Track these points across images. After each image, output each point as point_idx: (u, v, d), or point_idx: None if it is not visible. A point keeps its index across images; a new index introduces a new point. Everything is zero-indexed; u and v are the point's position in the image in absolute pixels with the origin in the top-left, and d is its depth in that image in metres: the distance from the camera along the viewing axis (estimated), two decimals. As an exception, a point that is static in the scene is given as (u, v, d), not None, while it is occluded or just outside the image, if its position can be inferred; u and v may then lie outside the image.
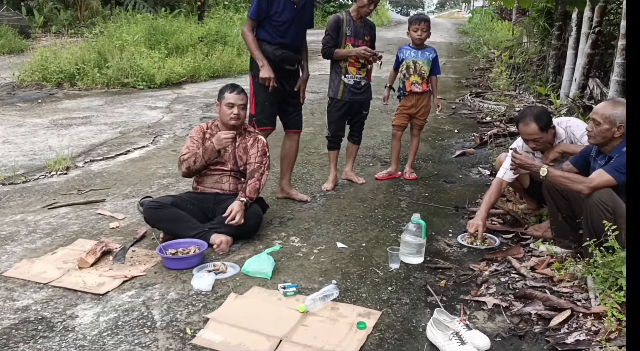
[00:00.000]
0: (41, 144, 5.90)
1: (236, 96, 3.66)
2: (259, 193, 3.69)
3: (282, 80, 4.12)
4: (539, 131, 3.50)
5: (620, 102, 3.13)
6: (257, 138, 3.79)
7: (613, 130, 3.04)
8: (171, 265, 3.20)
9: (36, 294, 2.88)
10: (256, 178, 3.66)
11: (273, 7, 3.95)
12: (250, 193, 3.58)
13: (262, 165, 3.71)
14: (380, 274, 3.19)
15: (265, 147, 3.78)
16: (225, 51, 12.07)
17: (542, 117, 3.51)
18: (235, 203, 3.48)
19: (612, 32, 7.13)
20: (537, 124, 3.48)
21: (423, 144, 6.03)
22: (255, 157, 3.72)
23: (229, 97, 3.66)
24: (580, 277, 2.96)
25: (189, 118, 7.41)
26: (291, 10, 3.99)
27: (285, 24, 4.00)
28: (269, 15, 3.96)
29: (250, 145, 3.76)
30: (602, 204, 2.92)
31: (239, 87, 3.72)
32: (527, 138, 3.58)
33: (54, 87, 9.28)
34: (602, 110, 3.08)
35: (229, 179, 3.75)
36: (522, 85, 9.78)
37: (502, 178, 3.78)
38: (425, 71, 4.86)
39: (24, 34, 14.45)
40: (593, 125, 3.10)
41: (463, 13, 50.83)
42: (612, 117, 3.02)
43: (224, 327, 2.58)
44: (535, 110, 3.58)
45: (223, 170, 3.75)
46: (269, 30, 4.02)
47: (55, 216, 3.97)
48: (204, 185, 3.77)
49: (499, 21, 20.47)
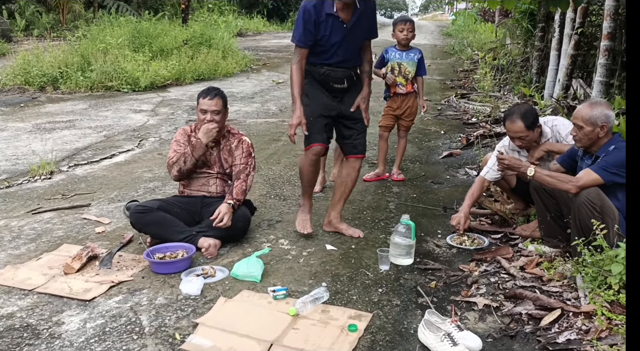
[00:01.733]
0: (24, 149, 5.81)
1: (209, 102, 3.56)
2: (246, 195, 3.66)
3: (334, 99, 3.63)
4: (525, 129, 3.52)
5: (598, 102, 3.17)
6: (242, 139, 3.75)
7: (597, 131, 3.06)
8: (159, 270, 3.16)
9: (21, 301, 2.82)
10: (242, 179, 3.62)
11: (320, 31, 3.42)
12: (237, 195, 3.55)
13: (247, 166, 3.67)
14: (371, 276, 3.18)
15: (250, 148, 3.74)
16: (210, 54, 12.02)
17: (529, 115, 3.53)
18: (223, 206, 3.45)
19: (595, 33, 7.21)
20: (523, 122, 3.50)
21: (410, 145, 6.04)
22: (241, 158, 3.68)
23: (202, 102, 3.58)
24: (570, 276, 2.97)
25: (174, 122, 7.35)
26: (340, 30, 3.44)
27: (334, 47, 3.48)
28: (318, 41, 3.46)
29: (235, 147, 3.72)
30: (590, 203, 2.95)
31: (213, 91, 3.60)
32: (514, 135, 3.60)
33: (36, 90, 9.15)
34: (582, 114, 3.10)
35: (215, 182, 3.72)
36: (506, 86, 9.85)
37: (484, 177, 3.83)
38: (410, 72, 4.88)
39: (5, 38, 14.26)
40: (576, 129, 3.13)
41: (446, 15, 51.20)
42: (593, 119, 3.05)
43: (213, 332, 2.55)
44: (522, 109, 3.60)
45: (209, 173, 3.71)
46: (319, 53, 3.51)
47: (40, 221, 3.91)
48: (190, 188, 3.73)
49: (482, 23, 20.63)
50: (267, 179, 4.97)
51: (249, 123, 7.40)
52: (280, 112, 8.28)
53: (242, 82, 11.11)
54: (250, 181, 3.69)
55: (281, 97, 9.51)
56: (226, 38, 13.76)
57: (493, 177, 3.81)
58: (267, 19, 27.56)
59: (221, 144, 3.72)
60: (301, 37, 3.44)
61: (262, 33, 24.49)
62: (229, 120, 7.33)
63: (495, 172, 3.76)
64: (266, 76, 12.03)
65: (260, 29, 25.35)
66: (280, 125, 7.33)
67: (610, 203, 2.98)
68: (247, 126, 7.19)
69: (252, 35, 23.04)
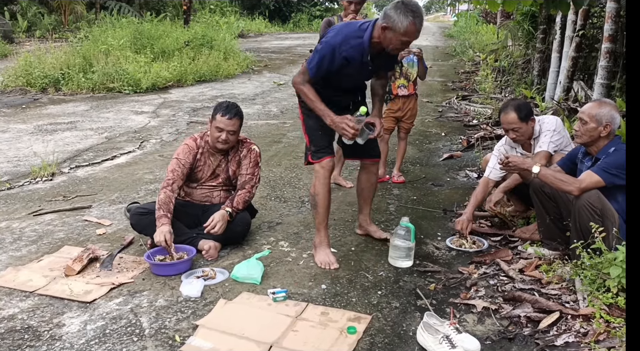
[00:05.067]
0: (26, 150, 5.83)
1: (227, 121, 3.43)
2: (248, 205, 3.63)
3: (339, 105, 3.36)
4: (518, 121, 3.63)
5: (606, 102, 3.20)
6: (251, 149, 3.67)
7: (599, 129, 3.09)
8: (159, 272, 3.17)
9: (22, 303, 2.84)
10: (247, 190, 3.59)
11: (342, 68, 3.14)
12: (238, 204, 3.52)
13: (254, 177, 3.63)
14: (370, 278, 3.19)
15: (257, 157, 3.68)
16: (212, 55, 12.05)
17: (523, 107, 3.66)
18: (219, 213, 3.42)
19: (596, 35, 7.21)
20: (517, 114, 3.62)
21: (411, 147, 6.05)
22: (247, 168, 3.63)
23: (219, 120, 3.44)
24: (568, 279, 2.98)
25: (175, 123, 7.37)
26: (365, 70, 3.22)
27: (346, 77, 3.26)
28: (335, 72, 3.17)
29: (244, 156, 3.65)
30: (591, 206, 2.95)
31: (233, 110, 3.45)
32: (507, 127, 3.71)
33: (38, 92, 9.18)
34: (589, 110, 3.15)
35: (219, 193, 3.68)
36: (507, 88, 9.86)
37: (488, 177, 3.87)
38: (412, 73, 4.88)
39: (7, 39, 14.31)
40: (580, 124, 3.16)
41: (448, 16, 51.19)
42: (599, 116, 3.08)
43: (213, 334, 2.56)
44: (516, 102, 3.76)
45: (213, 186, 3.67)
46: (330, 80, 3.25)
47: (41, 223, 3.92)
48: (192, 197, 3.69)
49: (484, 24, 20.61)
50: (267, 181, 4.99)
51: (250, 124, 7.41)
52: (282, 113, 8.29)
53: (243, 84, 11.13)
54: (254, 192, 3.65)
55: (282, 98, 9.52)
56: (228, 39, 13.79)
57: (497, 176, 3.85)
58: (268, 20, 27.62)
59: (230, 155, 3.65)
60: (316, 70, 3.14)
61: (264, 34, 24.55)
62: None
63: (498, 171, 3.79)
64: (267, 77, 12.05)
65: (262, 30, 25.41)
66: (281, 127, 7.34)
67: (611, 206, 2.99)
68: (248, 128, 7.19)
69: (253, 36, 23.10)
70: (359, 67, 3.14)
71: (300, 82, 3.23)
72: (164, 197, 3.39)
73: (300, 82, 3.22)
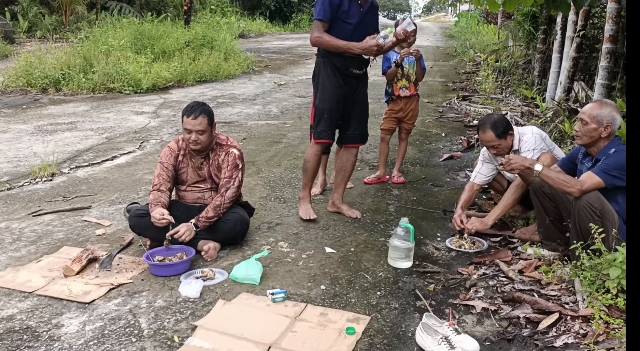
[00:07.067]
0: (26, 150, 5.84)
1: (193, 121, 3.38)
2: (221, 209, 3.47)
3: (347, 88, 3.92)
4: (495, 138, 3.68)
5: (607, 103, 3.20)
6: (229, 152, 3.57)
7: (600, 130, 3.09)
8: (158, 272, 3.17)
9: (21, 303, 2.84)
10: (220, 194, 3.49)
11: (341, 7, 3.72)
12: (208, 212, 3.41)
13: (231, 180, 3.53)
14: (369, 279, 3.18)
15: (236, 160, 3.56)
16: (212, 56, 12.05)
17: (499, 124, 3.69)
18: (186, 224, 3.36)
19: (597, 36, 7.19)
20: (493, 132, 3.67)
21: (411, 148, 6.05)
22: (226, 172, 3.56)
23: (186, 121, 3.41)
24: (568, 280, 2.97)
25: (176, 123, 7.37)
26: (358, 12, 3.78)
27: (352, 27, 3.76)
28: (338, 16, 3.73)
29: (222, 160, 3.58)
30: (590, 207, 2.95)
31: (198, 109, 3.42)
32: (487, 145, 3.77)
33: (38, 92, 9.18)
34: (589, 110, 3.15)
35: (211, 194, 3.64)
36: (508, 88, 9.85)
37: (473, 182, 3.95)
38: (412, 74, 4.88)
39: (8, 39, 14.30)
40: (581, 125, 3.15)
41: (449, 17, 51.21)
42: (600, 117, 3.08)
43: (212, 334, 2.56)
44: (492, 119, 3.76)
45: (203, 188, 3.65)
46: (337, 33, 3.74)
47: (40, 223, 3.92)
48: (185, 200, 3.68)
49: (484, 25, 20.63)
50: (267, 181, 4.98)
51: (250, 125, 7.41)
52: (282, 114, 8.29)
53: (243, 84, 11.13)
54: (232, 195, 3.51)
55: (283, 99, 9.52)
56: (228, 40, 13.79)
57: (482, 181, 3.94)
58: (269, 21, 27.62)
59: (210, 158, 3.60)
60: (322, 11, 3.70)
61: (265, 34, 24.55)
62: (230, 122, 7.41)
63: (484, 176, 3.91)
64: (268, 78, 12.05)
65: (262, 30, 25.41)
66: (281, 127, 7.34)
67: (610, 207, 2.98)
68: (248, 128, 7.20)
69: (254, 36, 23.10)
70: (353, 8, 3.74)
71: (317, 35, 3.74)
72: (153, 197, 3.48)
73: (318, 35, 3.74)
